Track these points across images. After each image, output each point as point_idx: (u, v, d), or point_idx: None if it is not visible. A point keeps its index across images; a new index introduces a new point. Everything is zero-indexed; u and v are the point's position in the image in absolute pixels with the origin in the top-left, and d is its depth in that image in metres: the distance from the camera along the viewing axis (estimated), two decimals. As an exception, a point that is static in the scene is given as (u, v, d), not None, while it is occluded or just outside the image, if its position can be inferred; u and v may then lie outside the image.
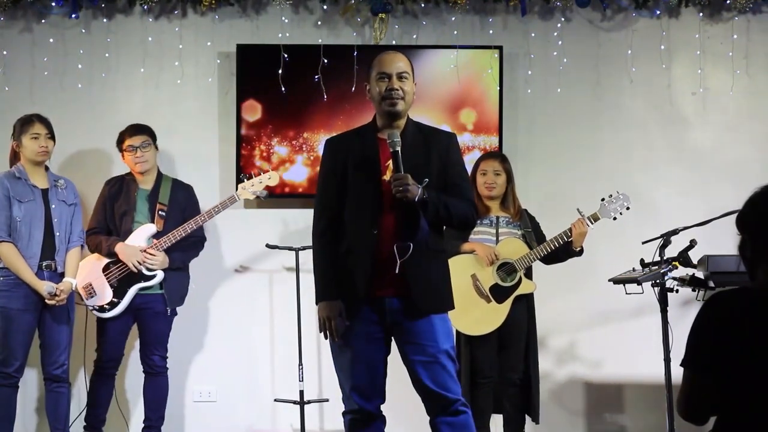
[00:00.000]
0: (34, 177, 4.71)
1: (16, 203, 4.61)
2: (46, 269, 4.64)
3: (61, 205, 4.71)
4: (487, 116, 5.54)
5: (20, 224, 4.60)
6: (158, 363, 5.03)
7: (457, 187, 3.52)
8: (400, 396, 3.90)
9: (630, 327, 5.51)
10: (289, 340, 5.42)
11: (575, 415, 5.63)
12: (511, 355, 4.77)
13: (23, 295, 4.59)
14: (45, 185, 4.72)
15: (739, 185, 5.34)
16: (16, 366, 4.62)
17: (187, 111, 5.66)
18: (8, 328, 4.58)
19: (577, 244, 4.77)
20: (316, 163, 5.43)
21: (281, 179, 5.44)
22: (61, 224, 4.69)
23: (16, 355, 4.60)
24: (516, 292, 4.73)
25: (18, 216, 4.60)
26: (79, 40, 5.61)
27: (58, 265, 4.68)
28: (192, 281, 5.24)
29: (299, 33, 5.62)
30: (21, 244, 4.60)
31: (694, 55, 5.67)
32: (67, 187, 4.79)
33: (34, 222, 4.62)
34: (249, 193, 5.07)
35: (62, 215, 4.71)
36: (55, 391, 4.73)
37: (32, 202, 4.64)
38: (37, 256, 4.63)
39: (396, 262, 3.38)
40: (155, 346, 5.01)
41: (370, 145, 3.51)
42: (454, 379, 3.48)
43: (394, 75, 3.46)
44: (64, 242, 4.71)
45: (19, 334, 4.59)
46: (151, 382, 5.04)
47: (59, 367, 4.70)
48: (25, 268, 4.58)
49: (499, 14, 5.68)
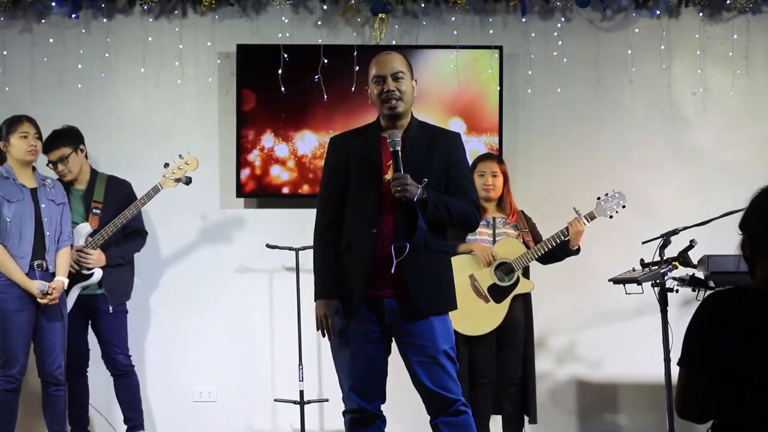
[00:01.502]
0: (22, 177, 4.69)
1: (6, 203, 4.59)
2: (38, 268, 4.62)
3: (50, 205, 4.69)
4: (487, 116, 5.54)
5: (10, 224, 4.58)
6: (124, 362, 5.01)
7: (460, 187, 3.51)
8: (401, 396, 3.90)
9: (630, 327, 5.51)
10: (289, 340, 5.42)
11: (575, 415, 5.63)
12: (509, 354, 4.77)
13: (17, 295, 4.57)
14: (33, 185, 4.70)
15: (739, 185, 5.35)
16: (18, 367, 4.60)
17: (187, 111, 5.66)
18: (7, 329, 4.57)
19: (574, 243, 4.77)
20: (315, 163, 5.45)
21: (282, 179, 5.45)
22: (51, 223, 4.67)
23: (17, 356, 4.59)
24: (514, 292, 4.73)
25: (8, 216, 4.58)
26: (79, 40, 5.61)
27: (49, 265, 4.67)
28: (192, 281, 5.24)
29: (299, 33, 5.62)
30: (11, 244, 4.57)
31: (694, 55, 5.67)
32: (55, 186, 4.77)
33: (24, 222, 4.60)
34: (171, 181, 4.98)
35: (52, 214, 4.69)
36: (54, 395, 4.72)
37: (22, 202, 4.62)
38: (29, 256, 4.60)
39: (393, 263, 3.38)
40: (116, 346, 4.98)
41: (372, 145, 3.51)
42: (453, 379, 3.48)
43: (388, 76, 3.45)
44: (54, 242, 4.69)
45: (20, 335, 4.58)
46: (122, 382, 5.03)
47: (56, 369, 4.69)
48: (15, 268, 4.56)
49: (499, 14, 5.68)
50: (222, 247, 5.63)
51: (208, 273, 5.59)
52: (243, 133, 5.51)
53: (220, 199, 5.59)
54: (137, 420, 5.06)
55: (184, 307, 5.61)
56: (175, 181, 4.98)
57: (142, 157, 5.54)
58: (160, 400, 5.56)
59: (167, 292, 5.54)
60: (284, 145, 5.52)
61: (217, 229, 5.61)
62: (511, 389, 4.79)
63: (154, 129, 5.63)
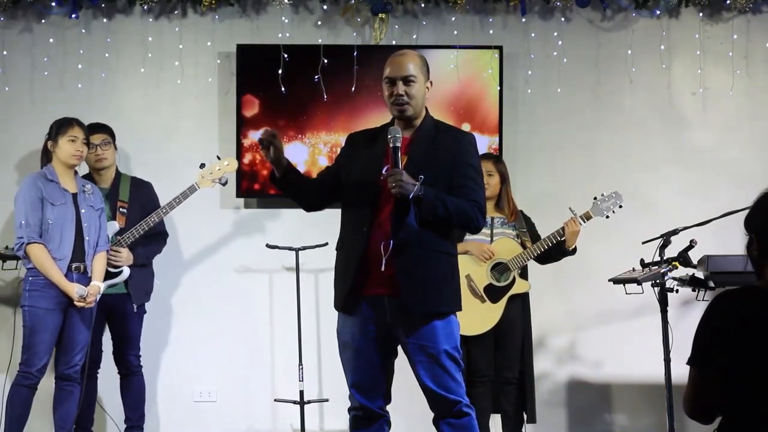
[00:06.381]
0: (65, 180, 4.70)
1: (49, 206, 4.60)
2: (75, 271, 4.64)
3: (89, 210, 4.71)
4: (487, 116, 5.54)
5: (52, 227, 4.59)
6: (134, 363, 5.04)
7: (462, 187, 3.46)
8: (403, 396, 3.90)
9: (630, 327, 5.51)
10: (289, 340, 5.42)
11: (574, 415, 5.63)
12: (506, 354, 4.79)
13: (53, 295, 4.59)
14: (74, 189, 4.71)
15: (739, 185, 5.38)
16: (39, 366, 4.61)
17: (187, 111, 5.66)
18: (35, 327, 4.59)
19: (570, 243, 4.77)
20: (316, 163, 5.45)
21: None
22: (90, 229, 4.69)
23: (39, 355, 4.60)
24: (510, 292, 4.74)
25: (50, 219, 4.59)
26: (79, 40, 5.61)
27: (87, 268, 4.68)
28: (192, 281, 5.24)
29: (299, 33, 5.62)
30: (52, 246, 4.59)
31: (694, 55, 5.67)
32: (94, 192, 4.80)
33: (65, 225, 4.62)
34: (208, 181, 5.03)
35: (91, 220, 4.71)
36: (65, 390, 4.72)
37: (64, 206, 4.63)
38: (68, 259, 4.62)
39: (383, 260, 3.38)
40: (129, 347, 5.02)
41: (380, 144, 3.50)
42: (456, 380, 3.46)
43: (399, 80, 3.45)
44: (92, 246, 4.71)
45: (46, 334, 4.59)
46: (129, 382, 5.06)
47: (72, 367, 4.70)
48: (55, 270, 4.57)
49: (499, 14, 5.68)
50: (222, 247, 5.63)
51: (208, 273, 5.59)
52: (243, 133, 5.51)
53: (220, 199, 5.59)
54: (137, 422, 5.07)
55: (184, 307, 5.61)
56: (213, 181, 5.02)
57: (142, 157, 5.55)
58: (160, 400, 5.56)
59: (167, 292, 5.54)
60: (284, 145, 5.50)
61: (217, 229, 5.60)
62: (509, 389, 4.80)
63: (154, 129, 5.63)
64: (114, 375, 5.10)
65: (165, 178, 5.32)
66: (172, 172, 5.43)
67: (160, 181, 5.25)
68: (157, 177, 5.28)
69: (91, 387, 4.99)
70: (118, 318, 4.99)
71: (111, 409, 5.31)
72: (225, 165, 5.06)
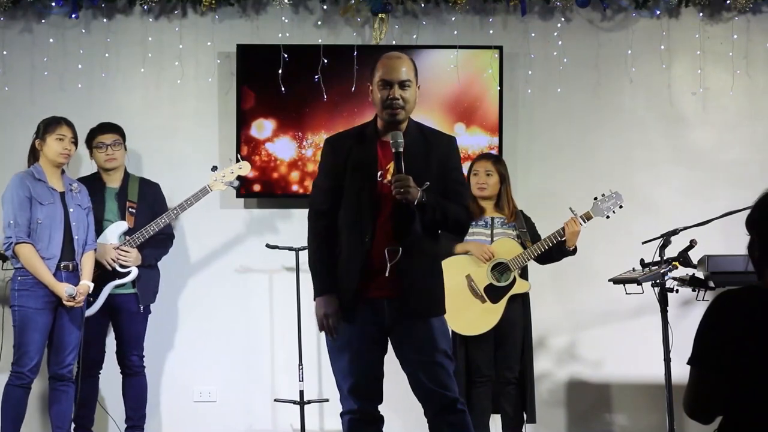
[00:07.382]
0: (52, 179, 4.71)
1: (38, 205, 4.61)
2: (64, 270, 4.64)
3: (77, 209, 4.72)
4: (487, 116, 5.53)
5: (40, 226, 4.60)
6: (137, 363, 5.06)
7: (454, 192, 3.51)
8: (400, 395, 3.90)
9: (630, 327, 5.51)
10: (289, 340, 5.42)
11: (574, 415, 5.63)
12: (506, 354, 4.79)
13: (42, 295, 4.60)
14: (62, 188, 4.72)
15: (739, 185, 5.38)
16: (30, 365, 4.62)
17: (187, 111, 5.66)
18: (25, 327, 4.60)
19: (570, 243, 4.77)
20: (315, 163, 5.44)
21: (282, 179, 5.45)
22: (79, 228, 4.70)
23: (30, 355, 4.61)
24: (510, 292, 4.74)
25: (39, 218, 4.60)
26: (79, 40, 5.61)
27: (77, 267, 4.68)
28: (192, 281, 5.24)
29: (299, 33, 5.62)
30: (41, 246, 4.60)
31: (694, 55, 5.67)
32: (81, 191, 4.80)
33: (54, 225, 4.63)
34: (221, 184, 5.07)
35: (80, 219, 4.72)
36: (59, 390, 4.73)
37: (52, 205, 4.64)
38: (57, 258, 4.63)
39: (388, 265, 3.37)
40: (133, 347, 5.03)
41: (369, 149, 3.48)
42: (452, 378, 3.49)
43: (396, 84, 3.42)
44: (81, 245, 4.71)
45: (36, 333, 4.60)
46: (131, 381, 5.07)
47: (65, 367, 4.71)
48: (44, 269, 4.57)
49: (499, 14, 5.68)
50: (222, 247, 5.63)
51: (208, 273, 5.59)
52: (243, 133, 5.51)
53: (220, 199, 5.59)
54: (138, 421, 5.08)
55: (184, 307, 5.61)
56: (225, 184, 5.05)
57: (141, 157, 5.55)
58: (160, 400, 5.56)
59: (167, 292, 5.52)
60: (284, 146, 5.52)
61: (217, 229, 5.60)
62: (510, 389, 4.80)
63: (154, 129, 5.63)
64: (115, 375, 5.10)
65: (165, 178, 5.32)
66: (173, 172, 5.43)
67: (160, 181, 5.25)
68: (157, 177, 5.28)
69: (91, 387, 4.99)
70: (124, 318, 4.99)
71: (112, 409, 5.30)
72: (238, 168, 5.11)
